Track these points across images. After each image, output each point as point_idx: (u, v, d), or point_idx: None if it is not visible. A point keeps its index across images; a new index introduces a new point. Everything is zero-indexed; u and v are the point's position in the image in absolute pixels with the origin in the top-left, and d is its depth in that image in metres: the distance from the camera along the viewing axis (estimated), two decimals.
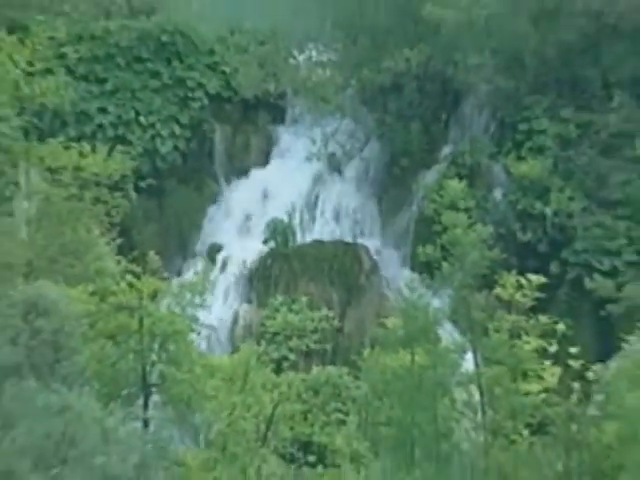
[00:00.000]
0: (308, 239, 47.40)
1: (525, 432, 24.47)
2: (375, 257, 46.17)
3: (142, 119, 47.78)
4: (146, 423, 23.87)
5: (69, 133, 43.86)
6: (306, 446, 31.16)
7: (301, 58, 51.12)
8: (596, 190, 43.75)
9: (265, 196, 48.86)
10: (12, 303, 17.05)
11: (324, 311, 40.98)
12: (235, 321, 44.03)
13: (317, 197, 48.95)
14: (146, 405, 24.46)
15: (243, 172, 50.24)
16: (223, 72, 49.86)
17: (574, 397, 24.29)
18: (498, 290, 25.83)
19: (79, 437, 15.77)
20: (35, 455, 15.47)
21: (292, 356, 38.67)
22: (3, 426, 15.66)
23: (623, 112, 44.14)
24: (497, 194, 46.00)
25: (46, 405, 15.81)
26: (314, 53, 51.14)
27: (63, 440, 15.64)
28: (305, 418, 31.04)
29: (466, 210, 26.86)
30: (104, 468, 16.03)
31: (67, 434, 15.68)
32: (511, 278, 25.85)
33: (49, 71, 41.46)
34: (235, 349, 35.36)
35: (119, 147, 37.51)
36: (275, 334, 40.26)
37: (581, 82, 45.92)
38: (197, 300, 26.16)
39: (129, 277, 25.40)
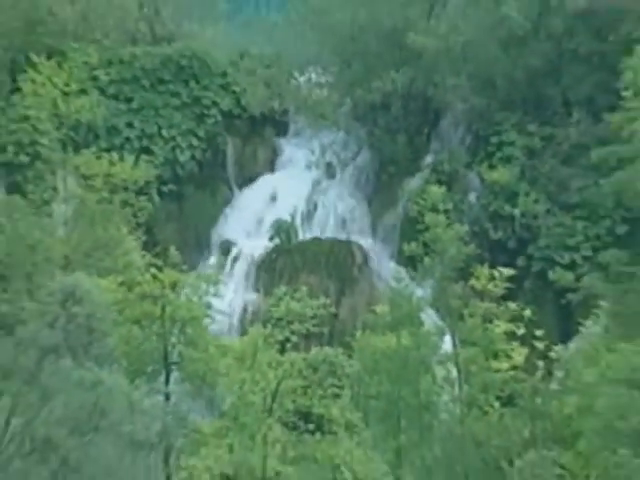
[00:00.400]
0: (308, 237, 47.31)
1: (496, 404, 24.53)
2: (366, 253, 46.10)
3: (164, 132, 47.71)
4: (167, 396, 23.89)
5: (101, 145, 43.74)
6: (306, 416, 31.05)
7: (302, 79, 51.07)
8: (558, 194, 43.77)
9: (271, 199, 48.75)
10: (51, 292, 17.03)
11: (322, 299, 40.81)
12: (245, 308, 43.91)
13: (316, 200, 48.87)
14: (167, 381, 24.43)
15: (252, 179, 50.14)
16: (234, 92, 49.76)
17: (539, 374, 24.39)
18: (473, 281, 25.90)
19: (109, 408, 15.80)
20: (71, 424, 15.51)
21: (294, 338, 38.40)
22: (42, 399, 15.68)
23: (581, 126, 44.19)
24: (472, 198, 45.96)
25: (80, 381, 15.81)
26: (313, 75, 51.11)
27: (95, 411, 15.67)
28: (305, 392, 30.90)
29: (445, 212, 26.88)
30: (131, 435, 16.09)
31: (98, 406, 15.71)
32: (484, 270, 25.92)
33: (83, 91, 41.52)
34: (244, 332, 35.31)
35: (144, 157, 37.60)
36: (279, 319, 40.05)
37: (545, 100, 45.93)
38: (212, 290, 26.13)
39: (153, 270, 25.36)
